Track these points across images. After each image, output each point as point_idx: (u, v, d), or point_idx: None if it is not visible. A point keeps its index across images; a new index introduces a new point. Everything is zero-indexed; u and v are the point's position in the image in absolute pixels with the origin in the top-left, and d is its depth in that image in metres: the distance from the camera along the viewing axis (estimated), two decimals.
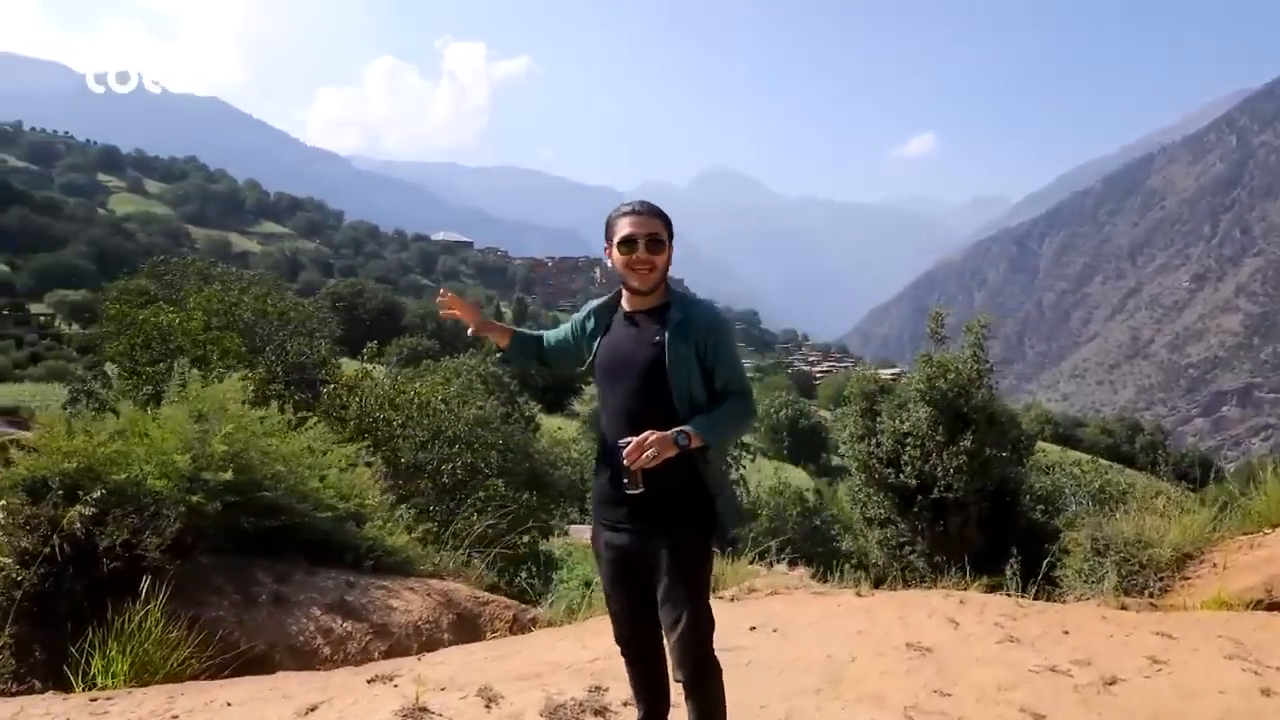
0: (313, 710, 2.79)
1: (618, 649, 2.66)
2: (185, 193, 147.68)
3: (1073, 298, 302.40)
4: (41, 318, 68.45)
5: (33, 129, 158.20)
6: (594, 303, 2.67)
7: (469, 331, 2.87)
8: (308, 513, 4.84)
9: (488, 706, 2.85)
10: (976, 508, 9.68)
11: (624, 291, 2.57)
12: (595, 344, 2.56)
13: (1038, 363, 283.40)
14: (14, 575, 3.87)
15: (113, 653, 3.61)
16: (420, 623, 4.46)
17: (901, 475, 9.90)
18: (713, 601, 4.96)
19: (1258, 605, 5.26)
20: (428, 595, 4.73)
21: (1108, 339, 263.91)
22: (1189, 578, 6.25)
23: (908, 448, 9.83)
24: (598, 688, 3.02)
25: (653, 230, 2.44)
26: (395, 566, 5.08)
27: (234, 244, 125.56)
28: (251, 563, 4.61)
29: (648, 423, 2.31)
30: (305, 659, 4.08)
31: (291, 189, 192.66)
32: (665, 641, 2.45)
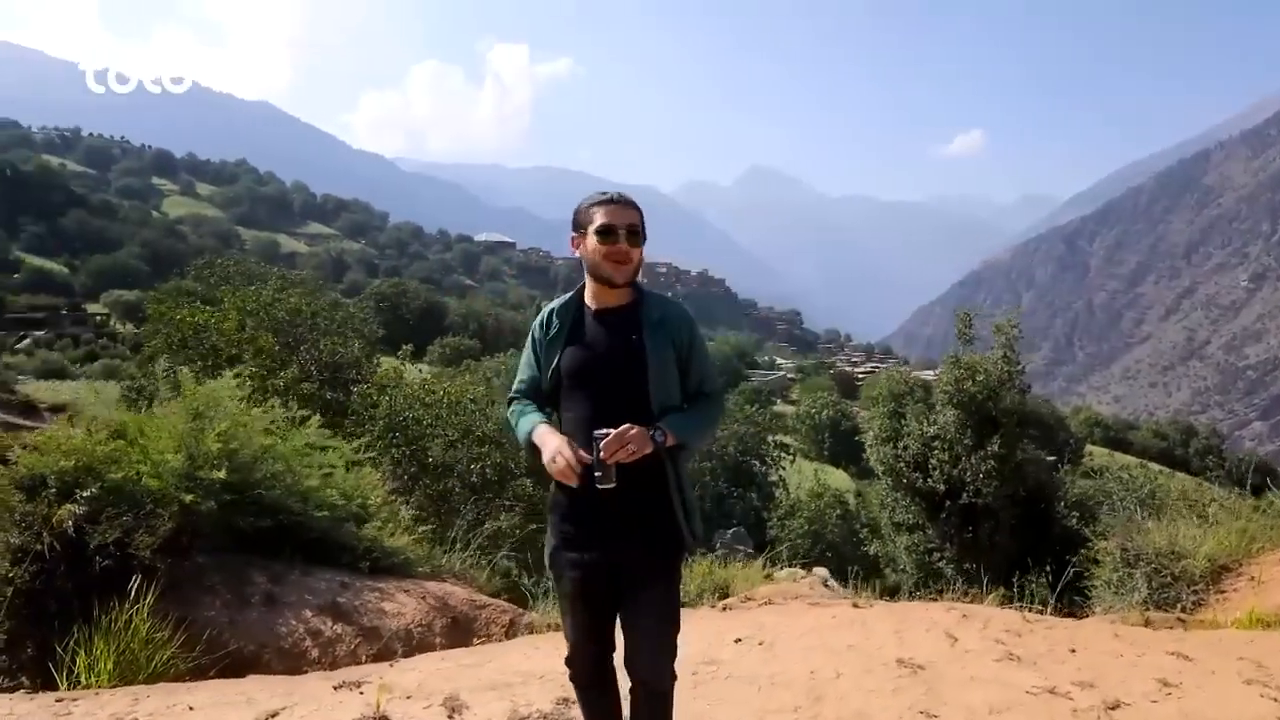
0: (273, 716, 2.74)
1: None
2: (235, 195, 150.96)
3: (1125, 298, 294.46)
4: (98, 317, 70.39)
5: (90, 134, 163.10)
6: (552, 304, 2.47)
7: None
8: (304, 512, 4.81)
9: (450, 717, 2.77)
10: (1007, 514, 9.39)
11: (590, 288, 2.40)
12: (559, 346, 2.37)
13: (1088, 364, 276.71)
14: (5, 572, 3.90)
15: (98, 651, 3.60)
16: (412, 626, 4.40)
17: (929, 480, 9.65)
18: (705, 611, 4.84)
19: None
20: (422, 598, 4.67)
21: (1161, 340, 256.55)
22: (1225, 592, 5.96)
23: (935, 451, 9.58)
24: (565, 700, 2.92)
25: (631, 221, 2.30)
26: (393, 568, 5.03)
27: (282, 245, 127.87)
28: (248, 563, 4.59)
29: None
30: (293, 661, 4.05)
31: (338, 191, 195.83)
32: (631, 658, 2.32)
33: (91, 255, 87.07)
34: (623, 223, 2.29)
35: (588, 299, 2.41)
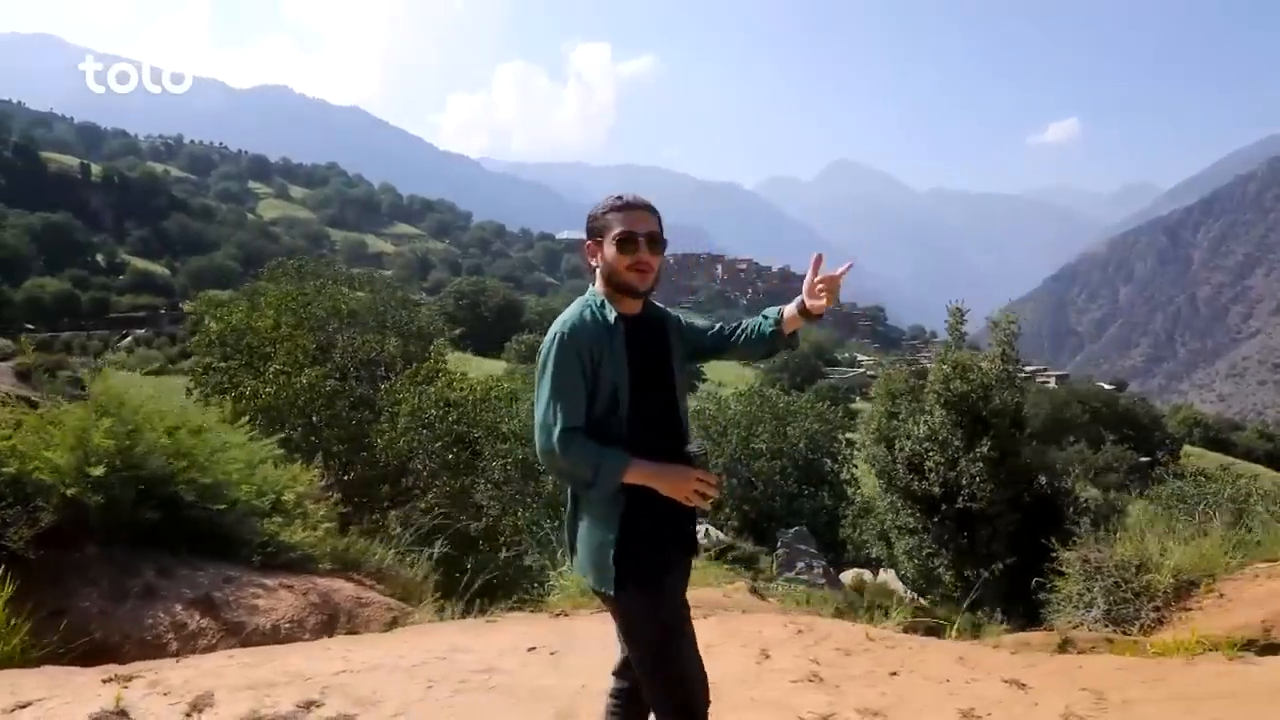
0: (22, 708, 2.78)
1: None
2: (326, 197, 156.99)
3: (1231, 291, 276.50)
4: (192, 316, 74.12)
5: (191, 141, 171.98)
6: (575, 319, 2.15)
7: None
8: (202, 507, 4.89)
9: (188, 715, 2.76)
10: (1004, 520, 8.92)
11: (607, 296, 2.20)
12: (623, 363, 2.11)
13: (1190, 361, 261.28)
14: None
15: None
16: (281, 622, 4.42)
17: (925, 482, 9.26)
18: (522, 617, 4.71)
19: (1250, 646, 4.58)
20: (305, 594, 4.69)
21: (1273, 336, 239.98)
22: (1190, 609, 5.55)
23: (931, 453, 9.18)
24: (310, 703, 2.86)
25: (651, 228, 2.17)
26: (291, 563, 5.07)
27: (369, 245, 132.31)
28: (140, 555, 4.69)
29: (682, 433, 2.19)
30: (153, 652, 4.11)
31: (424, 192, 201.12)
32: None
33: (191, 257, 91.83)
34: (643, 230, 2.15)
35: (613, 307, 2.19)
